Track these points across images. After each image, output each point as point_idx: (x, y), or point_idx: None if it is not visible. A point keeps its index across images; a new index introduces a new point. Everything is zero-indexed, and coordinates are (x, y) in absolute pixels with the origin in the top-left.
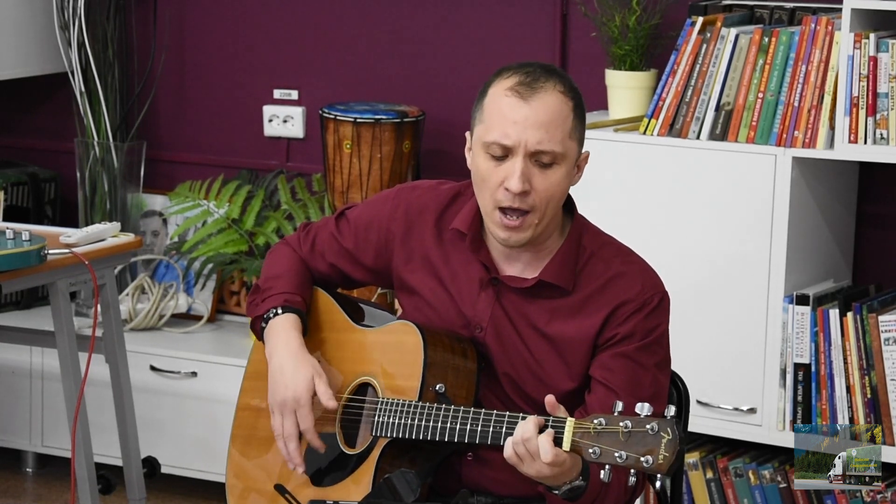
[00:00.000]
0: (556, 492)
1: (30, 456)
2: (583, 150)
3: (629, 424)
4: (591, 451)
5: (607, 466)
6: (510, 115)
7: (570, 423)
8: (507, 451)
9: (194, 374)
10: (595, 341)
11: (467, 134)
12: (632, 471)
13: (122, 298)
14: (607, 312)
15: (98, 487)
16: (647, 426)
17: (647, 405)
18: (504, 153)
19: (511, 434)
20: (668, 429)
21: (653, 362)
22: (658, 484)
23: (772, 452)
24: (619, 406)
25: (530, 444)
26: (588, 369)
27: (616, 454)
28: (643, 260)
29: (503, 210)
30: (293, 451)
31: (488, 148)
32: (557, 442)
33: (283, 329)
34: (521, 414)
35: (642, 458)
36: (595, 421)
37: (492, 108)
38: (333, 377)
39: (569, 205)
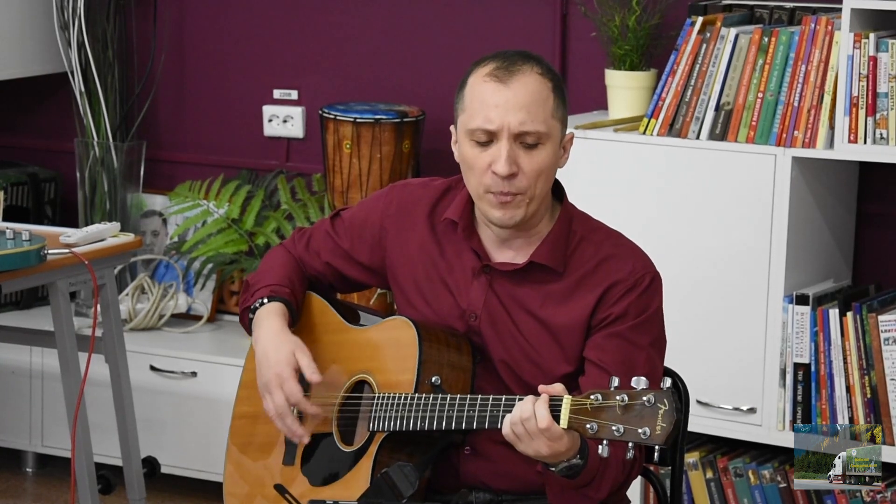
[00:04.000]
0: (554, 469)
1: (30, 456)
2: (567, 132)
3: (625, 398)
4: (588, 426)
5: (605, 441)
6: (491, 100)
7: (566, 400)
8: (506, 429)
9: (194, 374)
10: (589, 323)
11: (452, 128)
12: (630, 444)
13: (122, 298)
14: (599, 293)
15: (98, 487)
16: (644, 398)
17: (643, 379)
18: (489, 138)
19: (509, 413)
20: (665, 400)
21: (647, 341)
22: (657, 456)
23: (772, 452)
24: (615, 381)
25: (529, 423)
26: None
27: (613, 427)
28: (633, 242)
29: (493, 193)
30: (291, 424)
31: (473, 135)
32: (555, 420)
33: (267, 317)
34: (517, 396)
35: (640, 430)
36: (592, 396)
37: (472, 95)
38: (331, 378)
39: (559, 193)
